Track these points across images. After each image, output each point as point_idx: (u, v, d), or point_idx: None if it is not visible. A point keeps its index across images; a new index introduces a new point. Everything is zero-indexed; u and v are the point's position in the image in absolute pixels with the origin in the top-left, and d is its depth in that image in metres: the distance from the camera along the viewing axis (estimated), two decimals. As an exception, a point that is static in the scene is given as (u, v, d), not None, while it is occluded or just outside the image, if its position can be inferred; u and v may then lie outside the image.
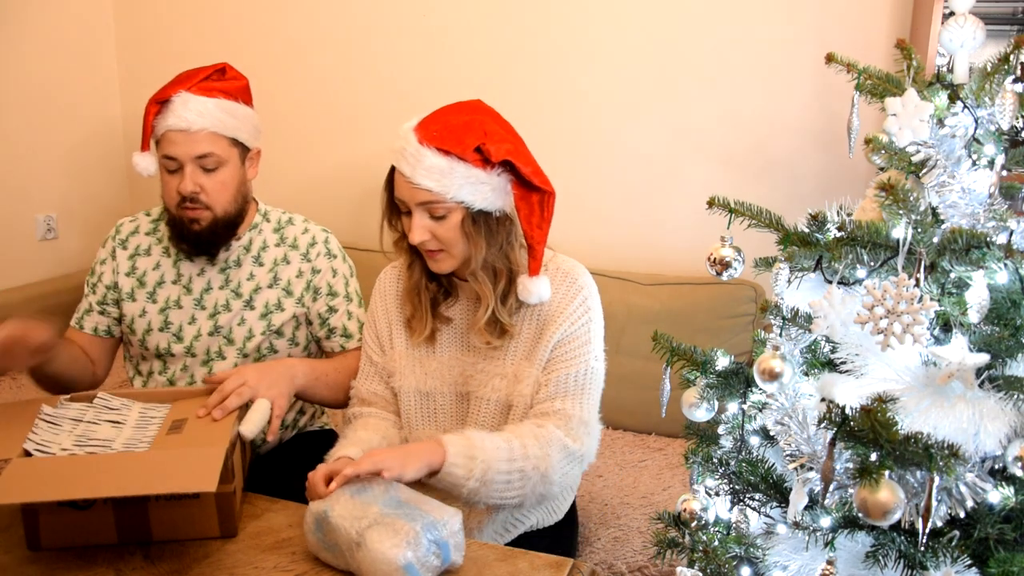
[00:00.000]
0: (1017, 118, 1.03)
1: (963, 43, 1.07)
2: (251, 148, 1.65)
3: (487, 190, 1.31)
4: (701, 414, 1.22)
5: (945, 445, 0.88)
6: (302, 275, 1.66)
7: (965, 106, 1.04)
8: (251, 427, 1.33)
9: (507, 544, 1.43)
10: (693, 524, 1.22)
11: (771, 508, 1.14)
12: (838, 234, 1.05)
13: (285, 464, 1.65)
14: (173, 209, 1.59)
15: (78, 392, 1.51)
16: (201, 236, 1.59)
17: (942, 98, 1.06)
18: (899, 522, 0.93)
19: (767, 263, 1.21)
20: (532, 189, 1.34)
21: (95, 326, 1.70)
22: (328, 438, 1.80)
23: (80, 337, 1.70)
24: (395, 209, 1.40)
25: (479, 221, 1.33)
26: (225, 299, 1.64)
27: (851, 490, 0.97)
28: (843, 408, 0.93)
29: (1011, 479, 0.95)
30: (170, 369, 1.65)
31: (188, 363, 1.65)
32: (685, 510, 1.23)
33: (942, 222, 1.02)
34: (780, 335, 1.13)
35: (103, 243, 1.73)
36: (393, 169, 1.36)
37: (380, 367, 1.51)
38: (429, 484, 1.27)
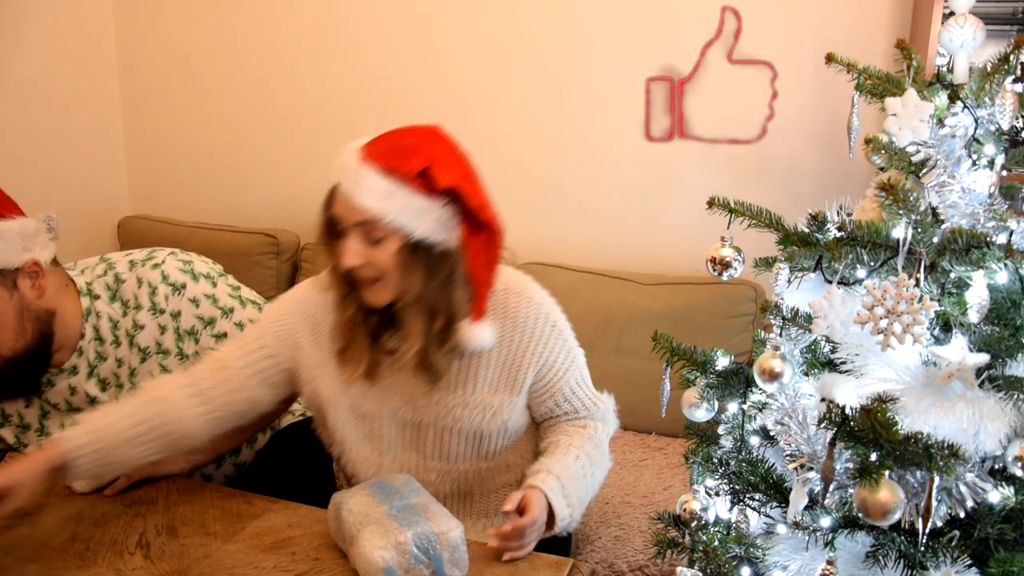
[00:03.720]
0: (1017, 118, 1.02)
1: (963, 43, 1.07)
2: (19, 266, 1.38)
3: (429, 219, 1.21)
4: (701, 414, 1.22)
5: (945, 445, 0.88)
6: (166, 329, 1.48)
7: (965, 106, 1.04)
8: (82, 482, 1.35)
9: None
10: (693, 524, 1.22)
11: (771, 508, 1.14)
12: (838, 234, 1.05)
13: (284, 464, 1.64)
14: None
15: None
16: (6, 380, 1.41)
17: (942, 98, 1.05)
18: (899, 522, 0.93)
19: (767, 263, 1.21)
20: (480, 228, 1.25)
21: None
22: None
23: None
24: (331, 232, 1.28)
25: (418, 252, 1.23)
26: (114, 399, 1.47)
27: (851, 490, 0.97)
28: (843, 408, 0.93)
29: (1011, 479, 0.95)
30: None
31: None
32: (685, 510, 1.23)
33: (942, 222, 1.02)
34: (780, 335, 1.13)
35: None
36: (335, 187, 1.26)
37: (271, 352, 1.36)
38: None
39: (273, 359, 1.37)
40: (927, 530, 0.90)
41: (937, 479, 0.89)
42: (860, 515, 0.90)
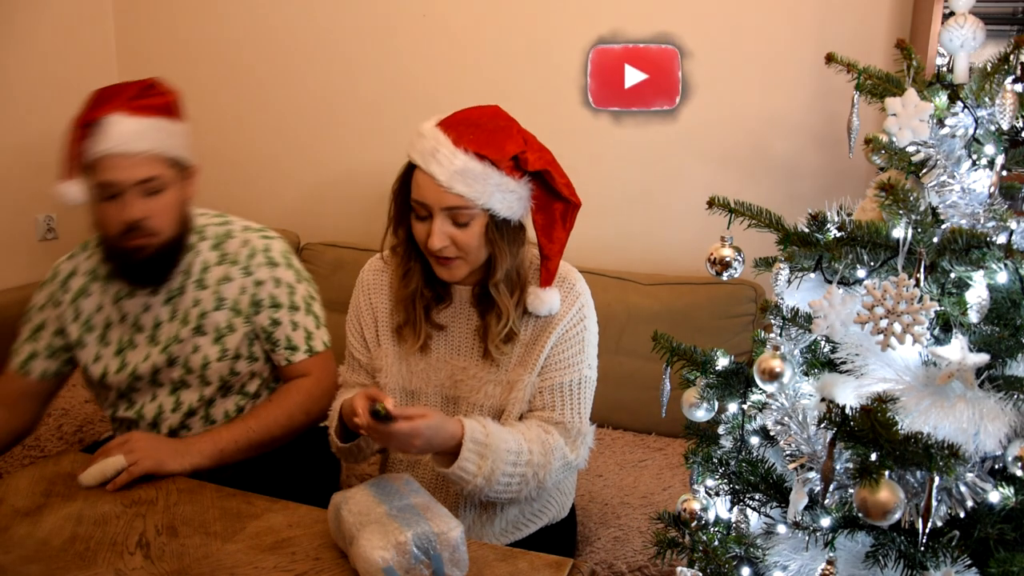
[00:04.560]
0: (1017, 118, 1.02)
1: (963, 43, 1.07)
2: (189, 166, 1.55)
3: (513, 199, 1.29)
4: (701, 414, 1.22)
5: (945, 445, 0.88)
6: (245, 291, 1.58)
7: (965, 106, 1.04)
8: (88, 476, 1.38)
9: (511, 543, 1.43)
10: (693, 524, 1.22)
11: (771, 508, 1.14)
12: (838, 234, 1.05)
13: (284, 464, 1.64)
14: (113, 240, 1.48)
15: None
16: (148, 265, 1.51)
17: (942, 98, 1.05)
18: (899, 522, 0.93)
19: (767, 263, 1.21)
20: (556, 199, 1.33)
21: (44, 370, 1.62)
22: (322, 434, 1.80)
23: (23, 382, 1.61)
24: (404, 212, 1.36)
25: (501, 230, 1.31)
26: (175, 331, 1.56)
27: (851, 490, 0.97)
28: (843, 408, 0.93)
29: (1011, 479, 0.95)
30: (137, 403, 1.60)
31: (156, 393, 1.60)
32: (685, 510, 1.23)
33: (942, 222, 1.02)
34: (780, 335, 1.13)
35: (40, 287, 1.64)
36: (410, 169, 1.32)
37: (365, 364, 1.48)
38: (439, 471, 1.28)
39: (368, 367, 1.48)
40: (927, 530, 0.90)
41: (937, 479, 0.89)
42: (860, 515, 0.90)
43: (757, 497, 1.15)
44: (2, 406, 1.60)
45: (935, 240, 0.98)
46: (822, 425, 0.95)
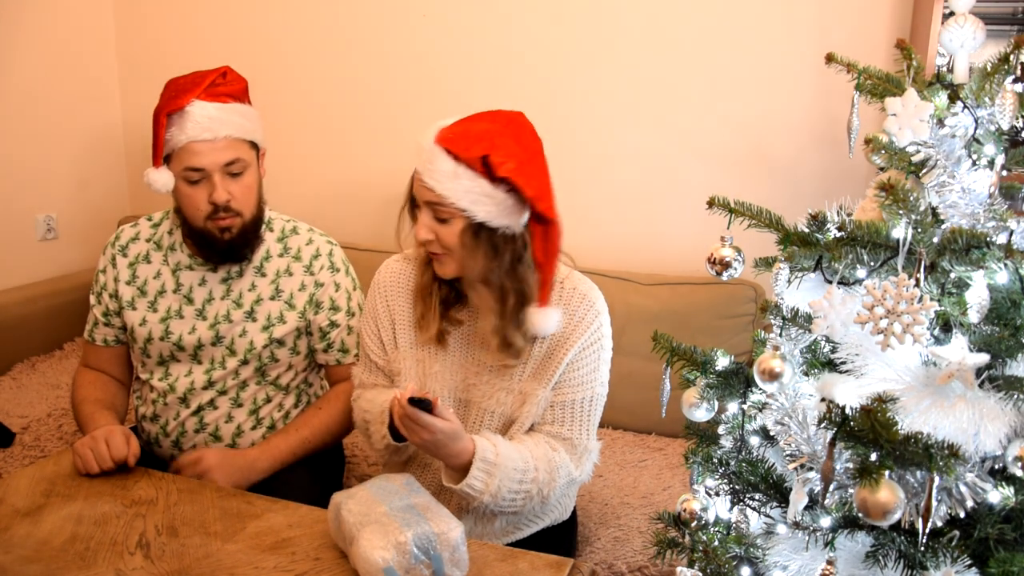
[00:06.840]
0: (1017, 118, 1.02)
1: (963, 43, 1.07)
2: (261, 148, 1.65)
3: (490, 204, 1.27)
4: (701, 414, 1.22)
5: (945, 445, 0.89)
6: (305, 288, 1.65)
7: (965, 106, 1.04)
8: None
9: (511, 543, 1.43)
10: (693, 524, 1.22)
11: (771, 508, 1.14)
12: (838, 234, 1.05)
13: (293, 465, 1.64)
14: (201, 222, 1.55)
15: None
16: (234, 243, 1.58)
17: (942, 98, 1.05)
18: (899, 522, 0.93)
19: (767, 263, 1.21)
20: (538, 216, 1.31)
21: (105, 338, 1.70)
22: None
23: (96, 351, 1.72)
24: (413, 206, 1.39)
25: (480, 235, 1.30)
26: (226, 310, 1.62)
27: (851, 490, 0.97)
28: (843, 408, 0.93)
29: (1011, 479, 0.95)
30: (172, 375, 1.64)
31: (192, 368, 1.64)
32: (685, 510, 1.23)
33: (942, 222, 1.02)
34: (780, 335, 1.13)
35: (103, 250, 1.71)
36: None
37: (382, 366, 1.49)
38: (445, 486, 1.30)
39: (384, 369, 1.49)
40: (927, 530, 0.90)
41: (937, 479, 0.89)
42: (860, 515, 0.90)
43: (757, 497, 1.15)
44: (102, 373, 1.72)
45: (935, 240, 0.98)
46: (822, 425, 0.95)
